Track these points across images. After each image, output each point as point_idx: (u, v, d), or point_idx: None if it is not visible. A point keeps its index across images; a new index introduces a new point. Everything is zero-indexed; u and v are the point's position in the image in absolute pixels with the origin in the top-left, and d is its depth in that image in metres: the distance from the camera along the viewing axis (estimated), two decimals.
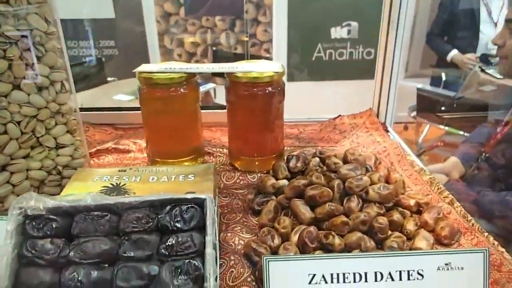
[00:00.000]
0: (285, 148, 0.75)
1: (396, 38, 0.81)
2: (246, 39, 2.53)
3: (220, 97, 2.17)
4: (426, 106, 1.79)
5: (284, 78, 0.67)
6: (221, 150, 0.77)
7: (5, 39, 0.47)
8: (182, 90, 0.64)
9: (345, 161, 0.61)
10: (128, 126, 0.88)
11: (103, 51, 2.60)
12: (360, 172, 0.56)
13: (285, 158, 0.64)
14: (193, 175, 0.56)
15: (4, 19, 0.46)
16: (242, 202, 0.61)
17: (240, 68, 0.65)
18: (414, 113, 1.81)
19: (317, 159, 0.64)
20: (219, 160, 0.74)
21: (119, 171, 0.57)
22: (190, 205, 0.41)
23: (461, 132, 1.68)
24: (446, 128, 1.73)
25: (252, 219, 0.57)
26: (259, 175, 0.68)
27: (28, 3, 0.47)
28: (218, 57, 2.55)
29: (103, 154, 0.76)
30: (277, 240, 0.50)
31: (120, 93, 1.81)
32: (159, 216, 0.41)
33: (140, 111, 0.67)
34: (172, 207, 0.41)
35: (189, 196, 0.41)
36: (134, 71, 0.64)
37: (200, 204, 0.42)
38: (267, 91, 0.64)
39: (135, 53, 2.62)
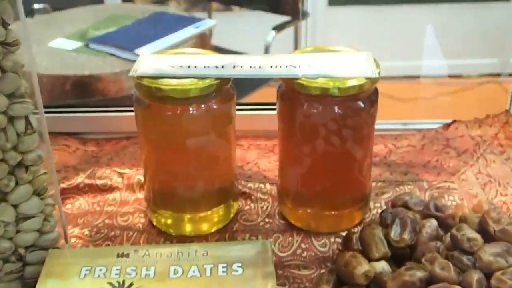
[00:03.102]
0: None
1: None
2: None
3: (219, 39, 1.96)
4: None
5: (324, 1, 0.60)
6: (262, 186, 0.72)
7: None
8: (211, 105, 0.58)
9: (483, 232, 0.55)
10: (105, 136, 0.83)
11: None
12: None
13: (379, 218, 0.59)
14: (240, 265, 0.51)
15: None
16: None
17: (305, 70, 0.58)
18: None
19: (434, 222, 0.58)
20: (261, 207, 0.69)
21: (118, 255, 0.52)
22: None
23: None
24: None
25: None
26: (332, 240, 0.63)
27: None
28: None
29: (70, 195, 0.70)
30: None
31: (60, 37, 1.69)
32: None
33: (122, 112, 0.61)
34: None
35: None
36: (129, 75, 0.57)
37: None
38: (352, 108, 0.59)
39: None
